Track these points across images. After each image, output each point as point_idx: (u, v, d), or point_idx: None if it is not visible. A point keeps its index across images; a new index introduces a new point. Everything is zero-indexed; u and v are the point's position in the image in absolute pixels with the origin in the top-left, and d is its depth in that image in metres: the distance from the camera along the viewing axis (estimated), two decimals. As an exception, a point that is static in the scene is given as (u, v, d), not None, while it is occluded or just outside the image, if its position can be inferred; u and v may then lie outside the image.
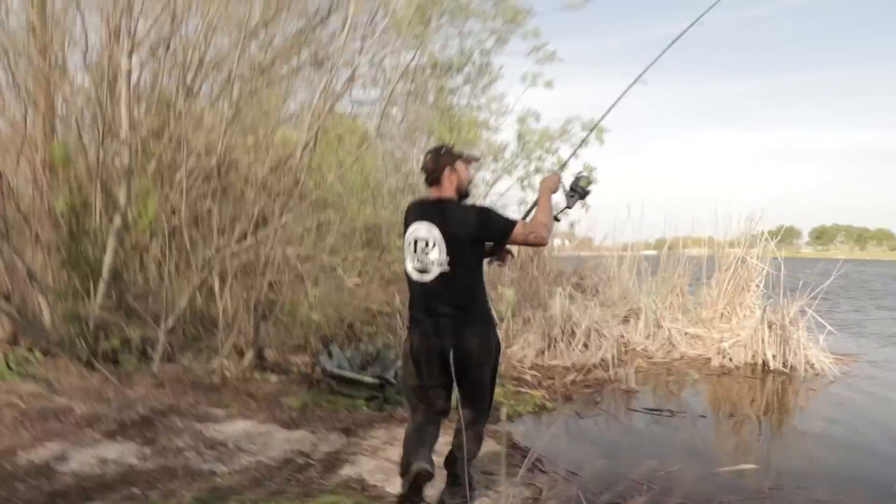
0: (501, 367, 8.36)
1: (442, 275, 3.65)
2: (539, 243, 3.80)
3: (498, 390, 7.15)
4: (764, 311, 9.66)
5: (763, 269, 11.23)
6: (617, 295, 12.53)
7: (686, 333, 10.78)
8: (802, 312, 9.58)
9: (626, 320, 11.32)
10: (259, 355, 6.37)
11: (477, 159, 4.35)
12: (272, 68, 6.36)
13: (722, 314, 11.52)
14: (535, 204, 3.98)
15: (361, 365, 6.77)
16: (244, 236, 5.94)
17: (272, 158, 6.21)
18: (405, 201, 7.25)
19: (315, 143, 6.14)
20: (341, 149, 7.16)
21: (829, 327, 9.76)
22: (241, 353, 6.27)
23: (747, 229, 11.50)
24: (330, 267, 6.33)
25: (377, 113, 7.13)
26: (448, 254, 3.62)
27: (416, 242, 3.72)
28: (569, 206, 4.04)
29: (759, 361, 9.50)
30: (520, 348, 9.68)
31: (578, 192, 4.00)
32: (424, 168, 3.86)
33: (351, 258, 6.48)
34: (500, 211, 3.86)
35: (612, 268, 13.34)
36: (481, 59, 7.11)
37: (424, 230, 3.70)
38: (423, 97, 6.74)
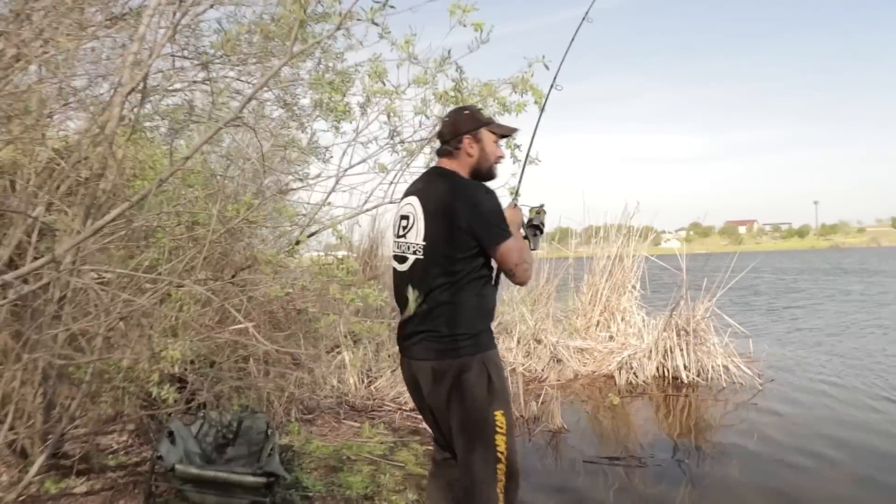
0: (397, 416, 6.52)
1: (416, 263, 2.88)
2: (524, 280, 2.92)
3: (403, 454, 5.21)
4: (670, 314, 8.30)
5: (639, 268, 10.05)
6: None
7: (571, 348, 9.27)
8: (709, 314, 8.36)
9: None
10: (56, 452, 3.91)
11: (513, 131, 3.29)
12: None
13: (598, 322, 10.20)
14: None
15: (218, 445, 4.48)
16: (18, 257, 3.51)
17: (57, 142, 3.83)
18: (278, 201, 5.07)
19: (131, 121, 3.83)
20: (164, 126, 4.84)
21: (739, 327, 8.60)
22: (23, 454, 3.79)
23: (623, 224, 10.23)
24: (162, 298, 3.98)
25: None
26: (426, 238, 2.85)
27: (399, 221, 3.01)
28: (533, 248, 3.25)
29: (669, 374, 8.16)
30: (389, 385, 7.69)
31: (540, 228, 3.31)
32: (439, 134, 3.11)
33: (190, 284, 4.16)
34: (502, 210, 2.94)
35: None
36: None
37: (410, 206, 2.97)
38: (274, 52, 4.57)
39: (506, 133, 3.15)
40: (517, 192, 3.46)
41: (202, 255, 3.86)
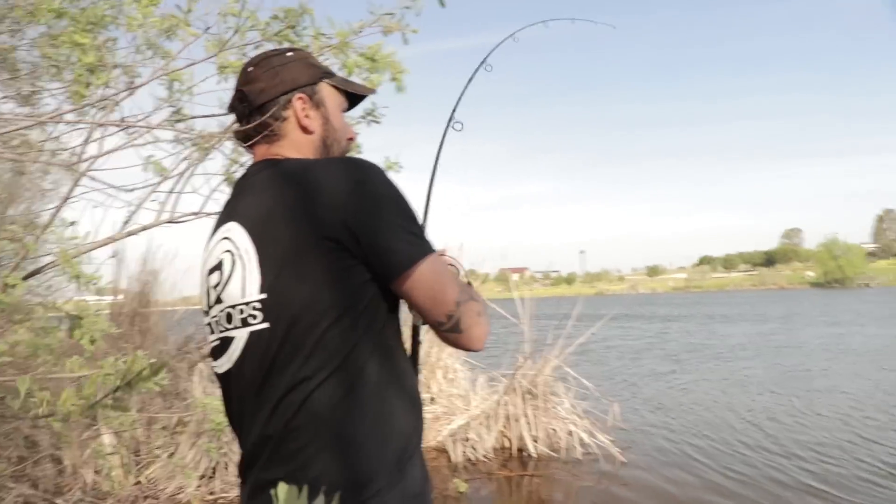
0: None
1: (254, 342, 1.42)
2: (479, 335, 1.46)
3: None
4: (514, 374, 7.10)
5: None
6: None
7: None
8: (559, 372, 7.25)
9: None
10: None
11: (370, 91, 1.80)
12: None
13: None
14: None
15: None
16: None
17: None
18: None
19: None
20: None
21: (589, 384, 7.52)
22: None
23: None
24: None
25: None
26: (266, 287, 1.41)
27: (206, 281, 1.54)
28: None
29: (514, 446, 6.93)
30: (166, 474, 5.85)
31: None
32: (240, 99, 1.62)
33: None
34: (409, 204, 1.48)
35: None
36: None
37: (227, 242, 1.51)
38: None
39: (358, 93, 1.75)
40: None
41: None
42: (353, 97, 1.74)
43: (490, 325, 1.50)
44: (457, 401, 8.17)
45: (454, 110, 2.14)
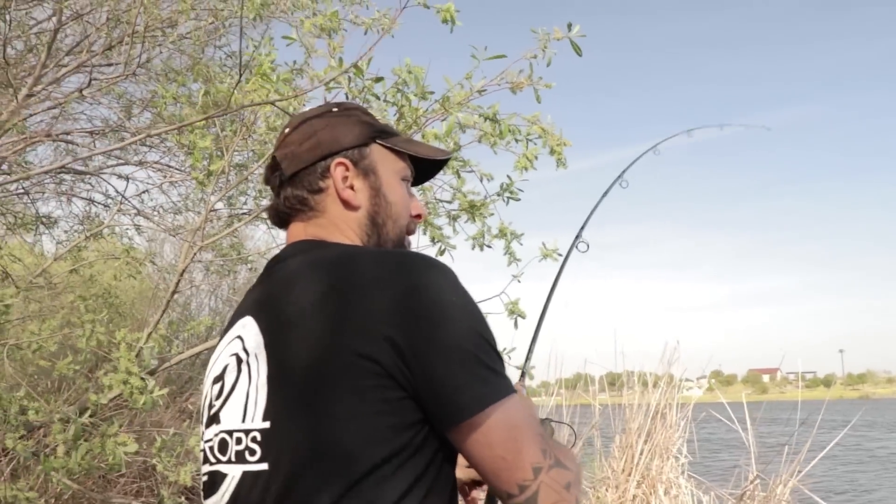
0: None
1: (245, 483, 1.09)
2: None
3: None
4: (742, 494, 6.06)
5: (686, 427, 7.82)
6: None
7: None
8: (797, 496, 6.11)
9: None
10: None
11: (444, 155, 1.45)
12: None
13: (635, 496, 7.89)
14: None
15: None
16: None
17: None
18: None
19: None
20: None
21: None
22: None
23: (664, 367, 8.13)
24: None
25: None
26: (271, 414, 1.08)
27: (209, 391, 1.23)
28: None
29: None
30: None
31: None
32: (272, 167, 1.35)
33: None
34: (485, 323, 1.11)
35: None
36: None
37: (237, 343, 1.21)
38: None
39: (428, 157, 1.40)
40: (526, 364, 1.71)
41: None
42: (426, 165, 1.42)
43: (583, 499, 1.18)
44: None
45: (582, 228, 2.00)
